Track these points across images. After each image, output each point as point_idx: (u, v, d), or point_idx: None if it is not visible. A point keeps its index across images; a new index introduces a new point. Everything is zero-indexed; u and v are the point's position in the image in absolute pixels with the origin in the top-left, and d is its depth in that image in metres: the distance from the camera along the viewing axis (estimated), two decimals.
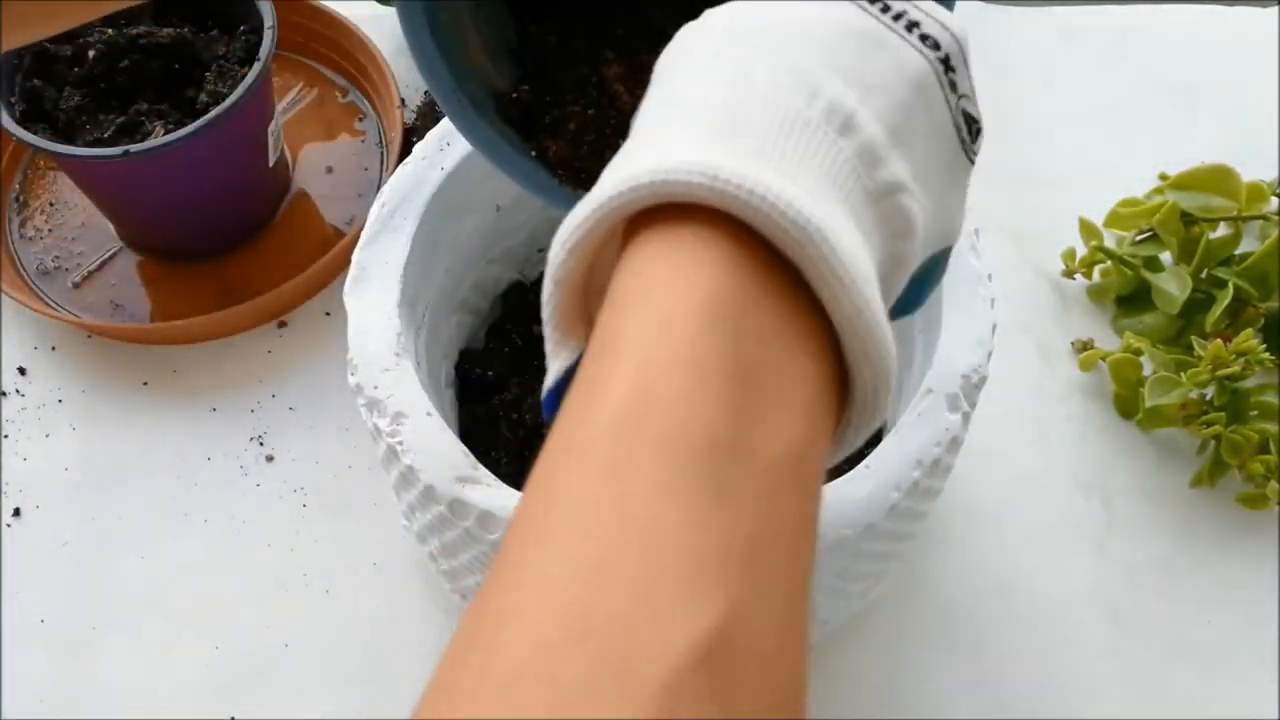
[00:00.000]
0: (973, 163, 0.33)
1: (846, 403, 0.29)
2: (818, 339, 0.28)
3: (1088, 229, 0.66)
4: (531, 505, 0.25)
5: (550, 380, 0.31)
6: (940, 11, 0.32)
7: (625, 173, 0.28)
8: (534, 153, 0.42)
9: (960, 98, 0.32)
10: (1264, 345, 0.58)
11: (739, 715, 0.22)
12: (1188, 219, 0.65)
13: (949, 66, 0.31)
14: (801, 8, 0.31)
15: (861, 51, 0.30)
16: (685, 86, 0.30)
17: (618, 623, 0.22)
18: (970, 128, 0.33)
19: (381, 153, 0.72)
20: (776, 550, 0.25)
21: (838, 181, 0.29)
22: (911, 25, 0.31)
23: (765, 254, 0.27)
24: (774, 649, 0.24)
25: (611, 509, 0.24)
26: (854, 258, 0.27)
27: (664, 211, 0.28)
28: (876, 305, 0.28)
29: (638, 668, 0.21)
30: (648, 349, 0.26)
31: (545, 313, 0.30)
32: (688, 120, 0.29)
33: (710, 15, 0.32)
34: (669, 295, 0.26)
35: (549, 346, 0.31)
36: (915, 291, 0.35)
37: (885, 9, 0.31)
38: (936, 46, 0.31)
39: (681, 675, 0.22)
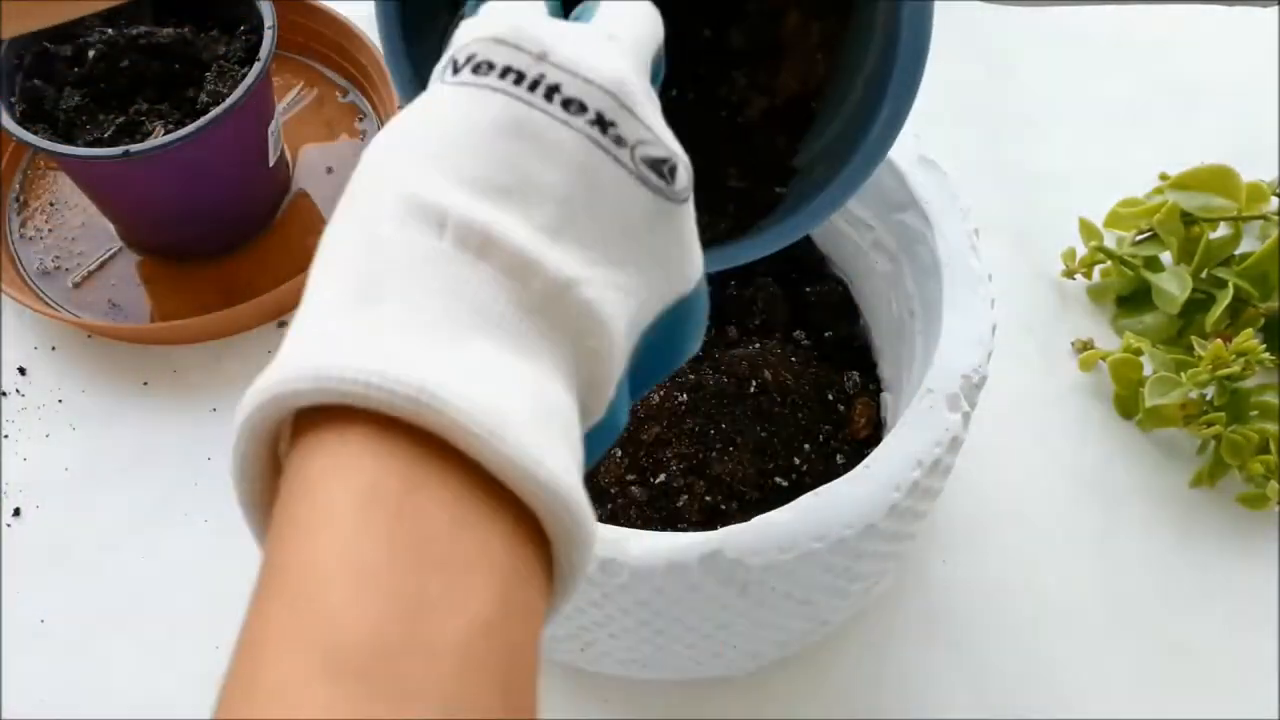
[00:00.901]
0: (681, 201, 0.30)
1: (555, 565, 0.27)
2: (509, 502, 0.26)
3: (1088, 229, 0.66)
4: None
5: None
6: (584, 62, 0.29)
7: (283, 362, 0.26)
8: None
9: (635, 146, 0.29)
10: (1264, 345, 0.58)
11: None
12: (1188, 219, 0.65)
13: (605, 124, 0.29)
14: (437, 114, 0.29)
15: (499, 147, 0.28)
16: (330, 232, 0.29)
17: None
18: (659, 170, 0.30)
19: None
20: None
21: (487, 311, 0.27)
22: (551, 92, 0.28)
23: (417, 431, 0.25)
24: None
25: None
26: (486, 407, 0.25)
27: (319, 411, 0.26)
28: (527, 443, 0.25)
29: None
30: (307, 553, 0.24)
31: (239, 500, 0.29)
32: (331, 280, 0.28)
33: (373, 141, 0.31)
34: (325, 490, 0.25)
35: (253, 532, 0.30)
36: (668, 348, 0.33)
37: (519, 79, 0.28)
38: (583, 109, 0.28)
39: None
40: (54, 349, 0.66)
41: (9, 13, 0.38)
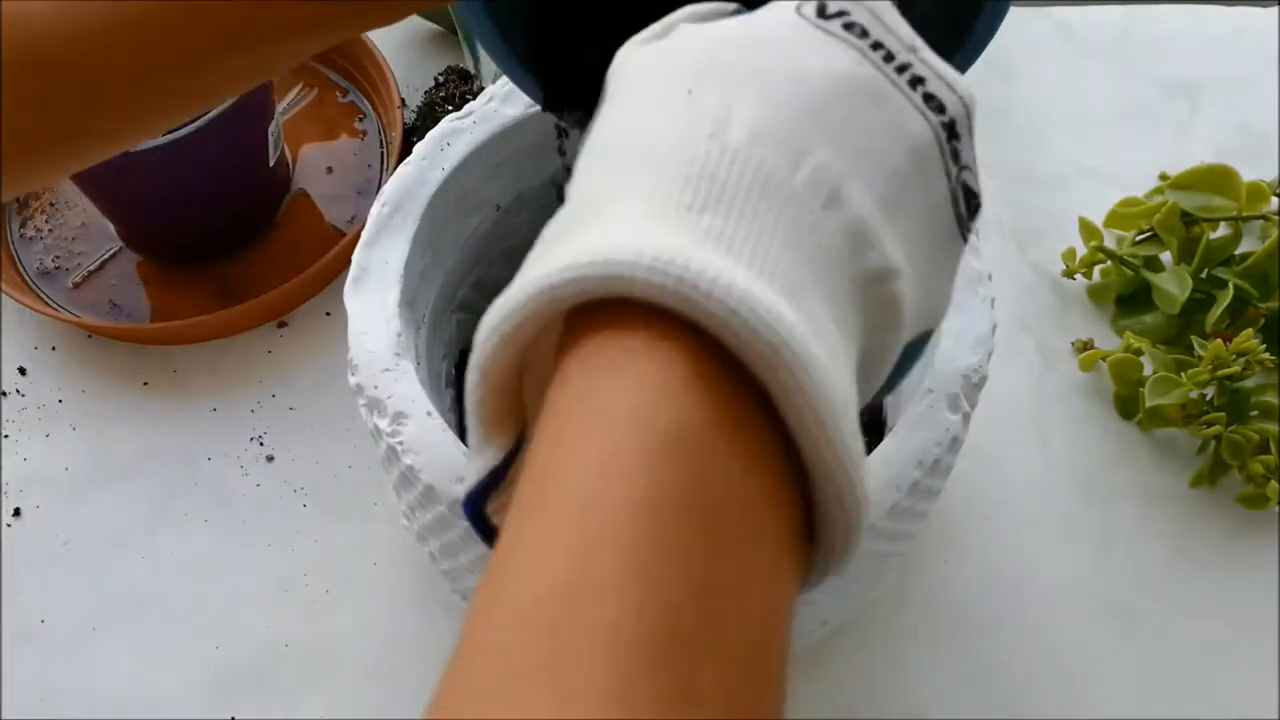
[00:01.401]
0: (966, 240, 0.29)
1: (814, 545, 0.25)
2: (786, 471, 0.24)
3: (1088, 229, 0.66)
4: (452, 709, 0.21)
5: (471, 482, 0.27)
6: (949, 71, 0.28)
7: (570, 250, 0.23)
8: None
9: (961, 169, 0.28)
10: (1264, 345, 0.58)
11: None
12: (1188, 219, 0.65)
13: (953, 133, 0.28)
14: (791, 50, 0.27)
15: (856, 109, 0.26)
16: (645, 129, 0.26)
17: None
18: (969, 203, 0.29)
19: (381, 153, 0.72)
20: None
21: (819, 268, 0.25)
22: (916, 81, 0.27)
23: (729, 368, 0.23)
24: None
25: None
26: (833, 387, 0.23)
27: (608, 308, 0.23)
28: (854, 445, 0.24)
29: None
30: (595, 504, 0.21)
31: (469, 404, 0.26)
32: (646, 182, 0.25)
33: (683, 37, 0.28)
34: (620, 429, 0.22)
35: (472, 440, 0.27)
36: (890, 377, 0.31)
37: (889, 58, 0.27)
38: (941, 110, 0.28)
39: None
40: (54, 349, 0.66)
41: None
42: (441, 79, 0.73)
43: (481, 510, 0.26)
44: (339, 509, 0.60)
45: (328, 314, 0.67)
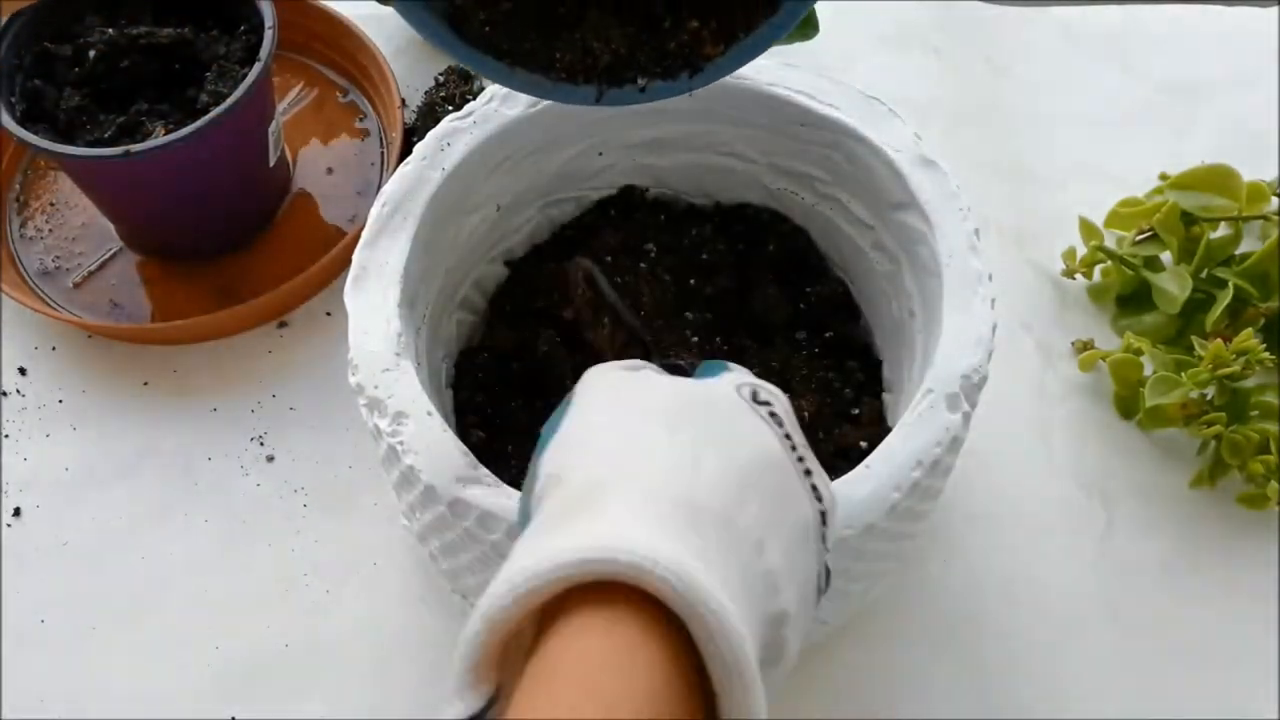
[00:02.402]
0: (816, 606, 0.36)
1: None
2: None
3: (1088, 229, 0.66)
4: None
5: None
6: (824, 474, 0.36)
7: (592, 532, 0.29)
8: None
9: (826, 551, 0.35)
10: (1264, 345, 0.58)
11: None
12: (1188, 219, 0.65)
13: (824, 521, 0.35)
14: (737, 419, 0.34)
15: (775, 479, 0.33)
16: (637, 448, 0.33)
17: None
18: (826, 579, 0.35)
19: (382, 153, 0.72)
20: None
21: (751, 599, 0.31)
22: (807, 473, 0.34)
23: (686, 649, 0.29)
24: None
25: None
26: (762, 697, 0.29)
27: (599, 588, 0.29)
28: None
29: None
30: None
31: (463, 651, 0.30)
32: (643, 488, 0.31)
33: (651, 380, 0.36)
34: (595, 685, 0.27)
35: (454, 686, 0.30)
36: None
37: (793, 448, 0.34)
38: (819, 499, 0.34)
39: None
40: (54, 349, 0.66)
41: None
42: (441, 79, 0.73)
43: None
44: (339, 509, 0.60)
45: (328, 314, 0.67)
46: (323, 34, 0.74)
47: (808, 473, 0.35)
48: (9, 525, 0.60)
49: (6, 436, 0.63)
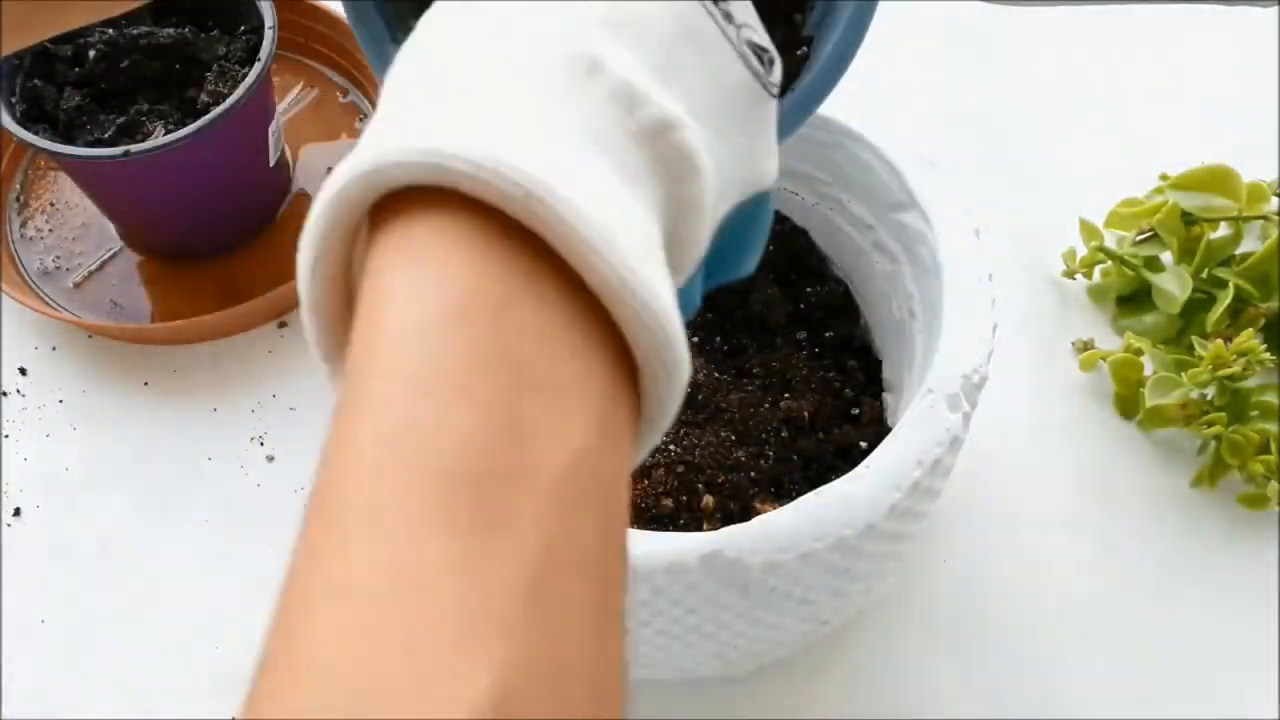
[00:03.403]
0: (772, 94, 0.30)
1: (641, 394, 0.26)
2: (600, 327, 0.24)
3: (1088, 229, 0.66)
4: (296, 566, 0.23)
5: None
6: None
7: (348, 163, 0.24)
8: None
9: (740, 27, 0.29)
10: (1265, 345, 0.58)
11: None
12: (1188, 219, 0.65)
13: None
14: None
15: None
16: (416, 53, 0.27)
17: (389, 697, 0.20)
18: (761, 57, 0.30)
19: None
20: (570, 579, 0.22)
21: (590, 131, 0.25)
22: None
23: (521, 236, 0.24)
24: (571, 694, 0.21)
25: (372, 561, 0.21)
26: (604, 215, 0.24)
27: (404, 203, 0.24)
28: (640, 263, 0.24)
29: None
30: (396, 364, 0.23)
31: (310, 344, 0.27)
32: (416, 96, 0.26)
33: None
34: (414, 298, 0.23)
35: (327, 379, 0.28)
36: (736, 248, 0.32)
37: None
38: None
39: None
40: (54, 349, 0.66)
41: (11, 23, 0.38)
42: None
43: None
44: None
45: None
46: (323, 34, 0.74)
47: None
48: (9, 525, 0.60)
49: (6, 436, 0.63)
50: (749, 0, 0.30)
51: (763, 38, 0.30)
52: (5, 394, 0.65)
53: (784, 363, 0.56)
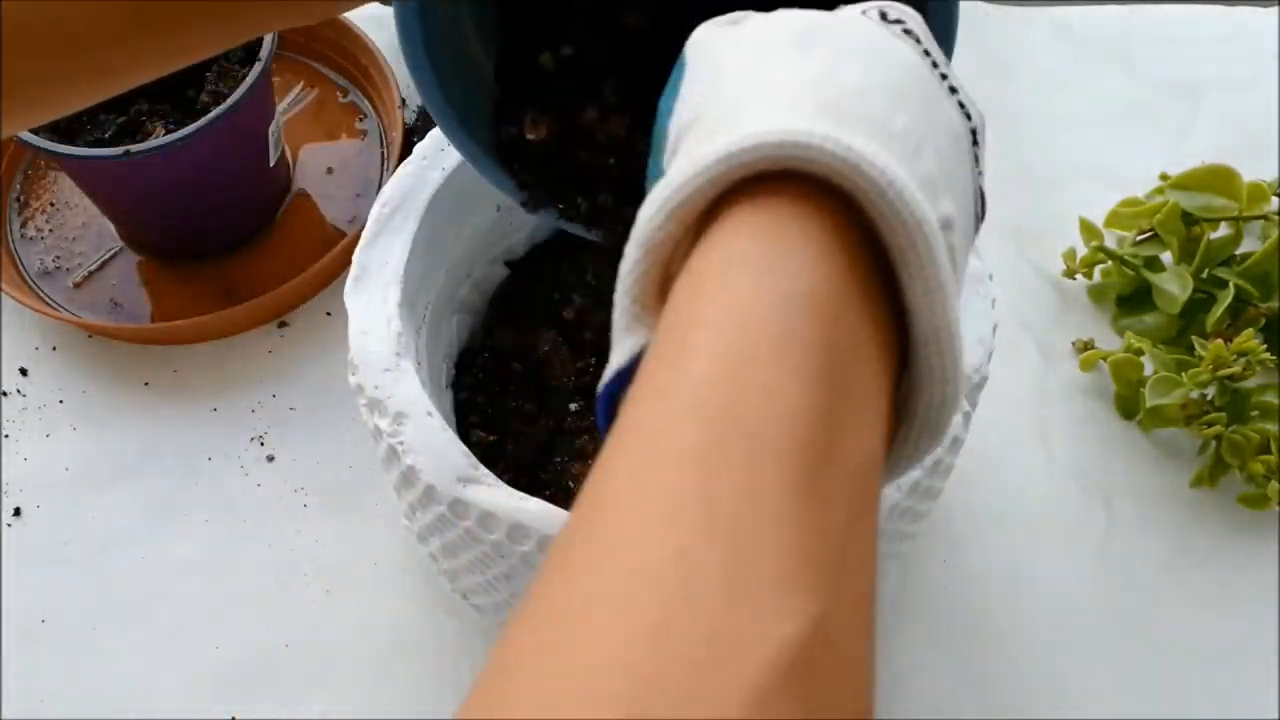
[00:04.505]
0: (972, 237, 0.33)
1: (904, 418, 0.28)
2: (893, 347, 0.27)
3: (1088, 229, 0.66)
4: (602, 492, 0.24)
5: (614, 366, 0.28)
6: (966, 88, 0.32)
7: (737, 134, 0.26)
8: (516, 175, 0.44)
9: (979, 174, 0.32)
10: (1265, 345, 0.58)
11: (822, 718, 0.21)
12: (1188, 219, 0.65)
13: (976, 139, 0.31)
14: (872, 35, 0.30)
15: (923, 91, 0.30)
16: (765, 71, 0.29)
17: (704, 622, 0.21)
18: (981, 203, 0.32)
19: (382, 153, 0.72)
20: (858, 559, 0.24)
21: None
22: (953, 89, 0.31)
23: (860, 242, 0.26)
24: (856, 656, 0.23)
25: (697, 500, 0.22)
26: (948, 268, 0.26)
27: (756, 187, 0.26)
28: (958, 322, 0.26)
29: (725, 670, 0.20)
30: (738, 335, 0.24)
31: (623, 285, 0.28)
32: (785, 99, 0.27)
33: (770, 18, 0.31)
34: (763, 279, 0.25)
35: (618, 326, 0.29)
36: None
37: (934, 65, 0.31)
38: (969, 117, 0.31)
39: (770, 680, 0.20)
40: (55, 349, 0.66)
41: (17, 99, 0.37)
42: None
43: (618, 401, 0.27)
44: (339, 509, 0.60)
45: (328, 314, 0.67)
46: (323, 34, 0.74)
47: (953, 89, 0.31)
48: (9, 525, 0.60)
49: (6, 436, 0.63)
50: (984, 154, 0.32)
51: (982, 190, 0.32)
52: (5, 394, 0.65)
53: None
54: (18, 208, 0.71)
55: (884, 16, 0.31)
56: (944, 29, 0.38)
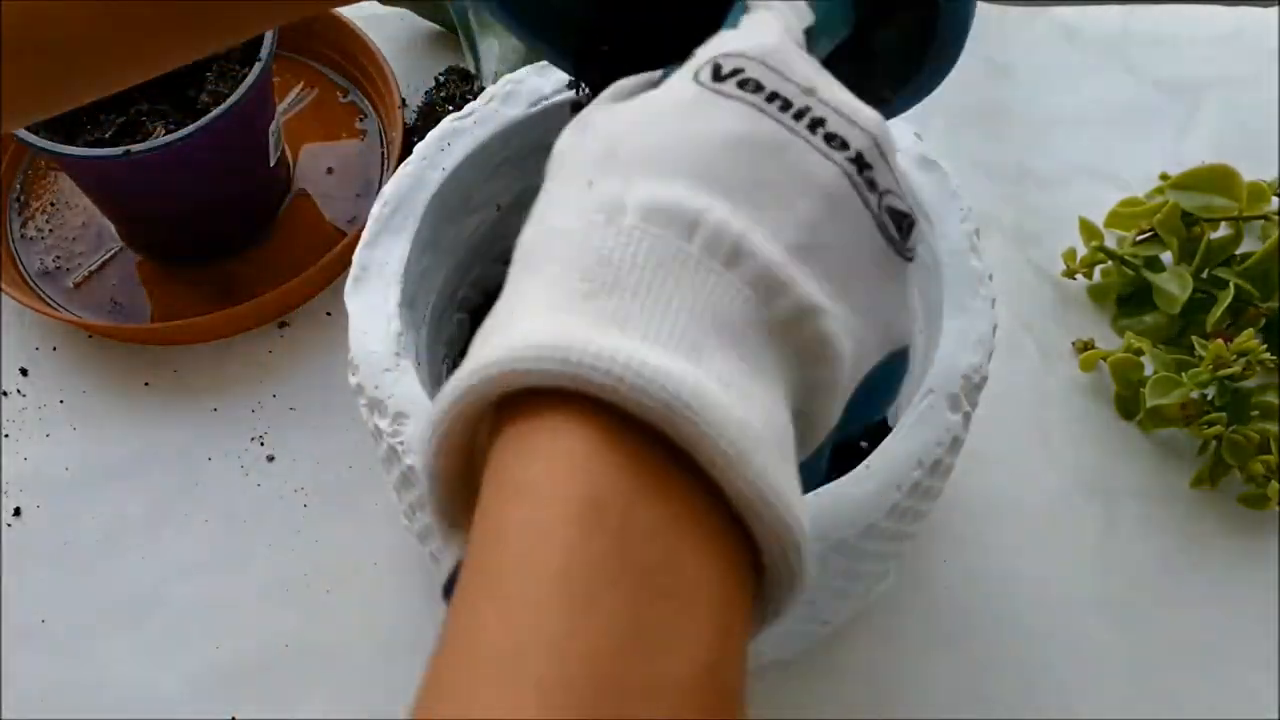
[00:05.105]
0: (909, 259, 0.30)
1: (765, 582, 0.26)
2: (716, 513, 0.25)
3: (1088, 229, 0.66)
4: None
5: (444, 575, 0.28)
6: (849, 104, 0.29)
7: (481, 353, 0.25)
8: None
9: (883, 195, 0.29)
10: (1265, 345, 0.58)
11: None
12: (1188, 219, 0.65)
13: (863, 164, 0.29)
14: (686, 119, 0.28)
15: (754, 164, 0.27)
16: (551, 227, 0.28)
17: None
18: (900, 224, 0.30)
19: (382, 153, 0.72)
20: None
21: (723, 322, 0.26)
22: (816, 124, 0.28)
23: (643, 433, 0.24)
24: None
25: None
26: (739, 424, 0.24)
27: (531, 394, 0.25)
28: (774, 476, 0.24)
29: None
30: (521, 573, 0.23)
31: (429, 506, 0.28)
32: (549, 276, 0.26)
33: (591, 125, 0.29)
34: (537, 504, 0.24)
35: (438, 540, 0.28)
36: (871, 402, 0.32)
37: (786, 106, 0.28)
38: (845, 146, 0.28)
39: None
40: (55, 349, 0.66)
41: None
42: (442, 79, 0.73)
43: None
44: (339, 509, 0.60)
45: (328, 314, 0.67)
46: (323, 34, 0.74)
47: (816, 124, 0.28)
48: (9, 525, 0.60)
49: (6, 436, 0.63)
50: (890, 161, 0.30)
51: (903, 202, 0.30)
52: (5, 394, 0.65)
53: None
54: (18, 208, 0.71)
55: (717, 73, 0.29)
56: (955, 33, 0.38)
